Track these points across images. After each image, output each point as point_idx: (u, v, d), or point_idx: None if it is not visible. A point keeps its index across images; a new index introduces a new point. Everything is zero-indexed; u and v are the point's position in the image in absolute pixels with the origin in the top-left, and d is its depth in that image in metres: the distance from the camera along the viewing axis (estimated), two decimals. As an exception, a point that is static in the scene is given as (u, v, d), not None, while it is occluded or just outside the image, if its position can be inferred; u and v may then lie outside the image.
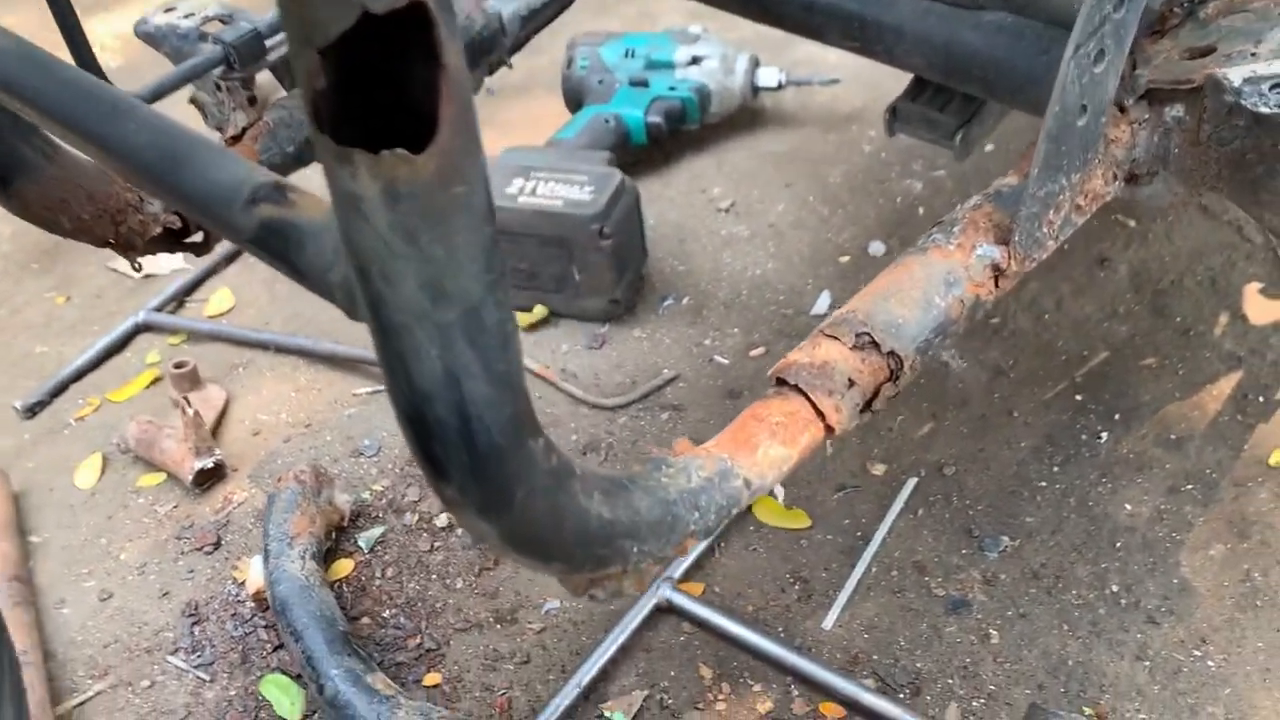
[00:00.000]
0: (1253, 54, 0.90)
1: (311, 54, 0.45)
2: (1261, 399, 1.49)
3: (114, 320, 1.89)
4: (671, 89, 1.98)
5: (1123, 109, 0.93)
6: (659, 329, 1.73)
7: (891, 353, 0.83)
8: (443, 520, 1.49)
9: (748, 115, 2.10)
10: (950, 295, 0.85)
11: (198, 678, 1.36)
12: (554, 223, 1.64)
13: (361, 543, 1.47)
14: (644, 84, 1.98)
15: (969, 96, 1.19)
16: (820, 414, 0.80)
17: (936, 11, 1.12)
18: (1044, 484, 1.44)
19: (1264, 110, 0.83)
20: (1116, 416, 1.50)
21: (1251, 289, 1.64)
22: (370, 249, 0.51)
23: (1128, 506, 1.40)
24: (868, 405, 0.83)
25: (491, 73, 1.33)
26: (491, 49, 1.18)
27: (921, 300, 0.84)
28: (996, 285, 0.87)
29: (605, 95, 1.98)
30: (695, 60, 1.99)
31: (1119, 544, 1.37)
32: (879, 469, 1.49)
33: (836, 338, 0.83)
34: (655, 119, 1.95)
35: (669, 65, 1.99)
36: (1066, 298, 1.67)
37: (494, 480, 0.59)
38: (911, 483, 1.46)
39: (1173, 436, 1.47)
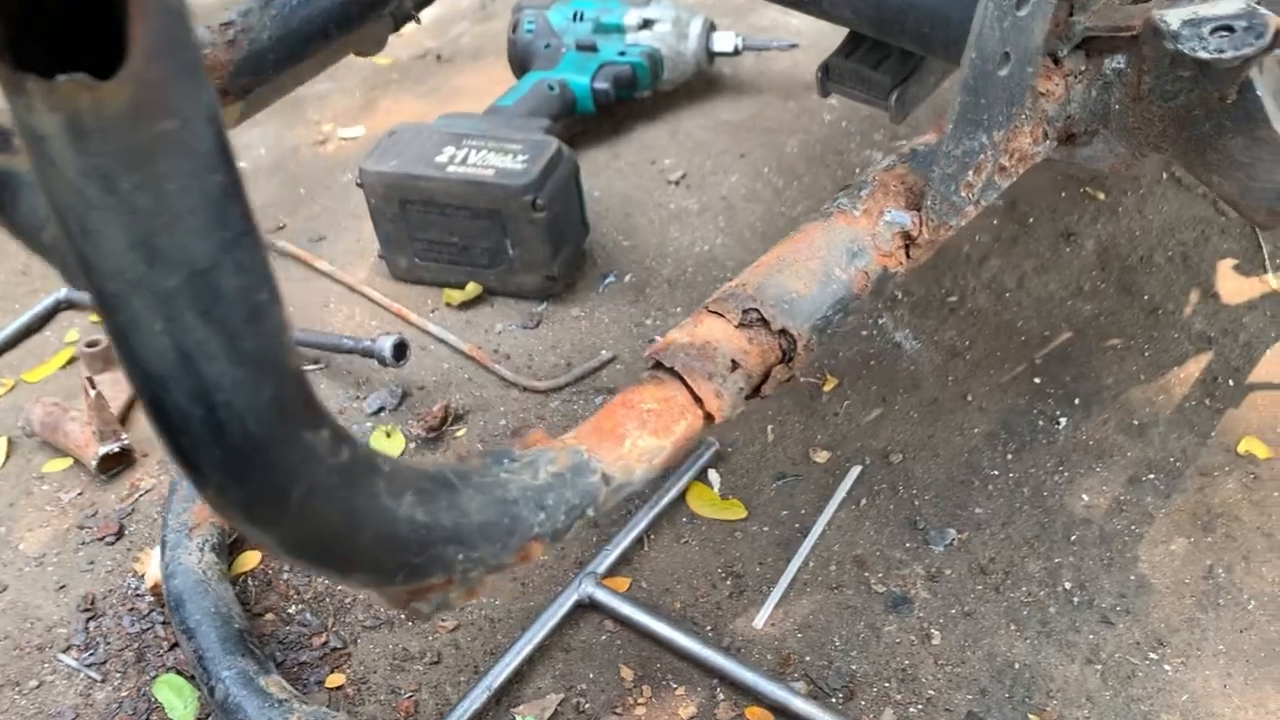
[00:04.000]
0: (1198, -2, 0.80)
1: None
2: (1231, 382, 1.40)
3: (37, 298, 1.80)
4: (621, 54, 1.88)
5: (1056, 60, 0.84)
6: (599, 308, 1.64)
7: (783, 331, 0.73)
8: (358, 509, 1.40)
9: (704, 82, 2.00)
10: (853, 266, 0.76)
11: (89, 677, 1.27)
12: (484, 193, 1.55)
13: (270, 533, 1.38)
14: (592, 49, 1.88)
15: (906, 53, 1.10)
16: (698, 400, 0.70)
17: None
18: (996, 473, 1.35)
19: (1203, 55, 0.74)
20: (1077, 401, 1.41)
21: (1225, 265, 1.54)
22: (64, 199, 0.42)
23: (1085, 497, 1.31)
24: (756, 390, 0.73)
25: (397, 29, 1.24)
26: (380, 8, 1.08)
27: (820, 272, 0.75)
28: (908, 255, 0.77)
29: (552, 60, 1.88)
30: (647, 24, 1.89)
31: (1074, 538, 1.27)
32: (822, 456, 1.40)
33: (721, 314, 0.73)
34: (603, 85, 1.85)
35: (619, 29, 1.89)
36: (1029, 275, 1.58)
37: (258, 478, 0.49)
38: (855, 471, 1.37)
39: (1136, 422, 1.38)
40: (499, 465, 0.63)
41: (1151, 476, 1.32)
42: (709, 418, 0.71)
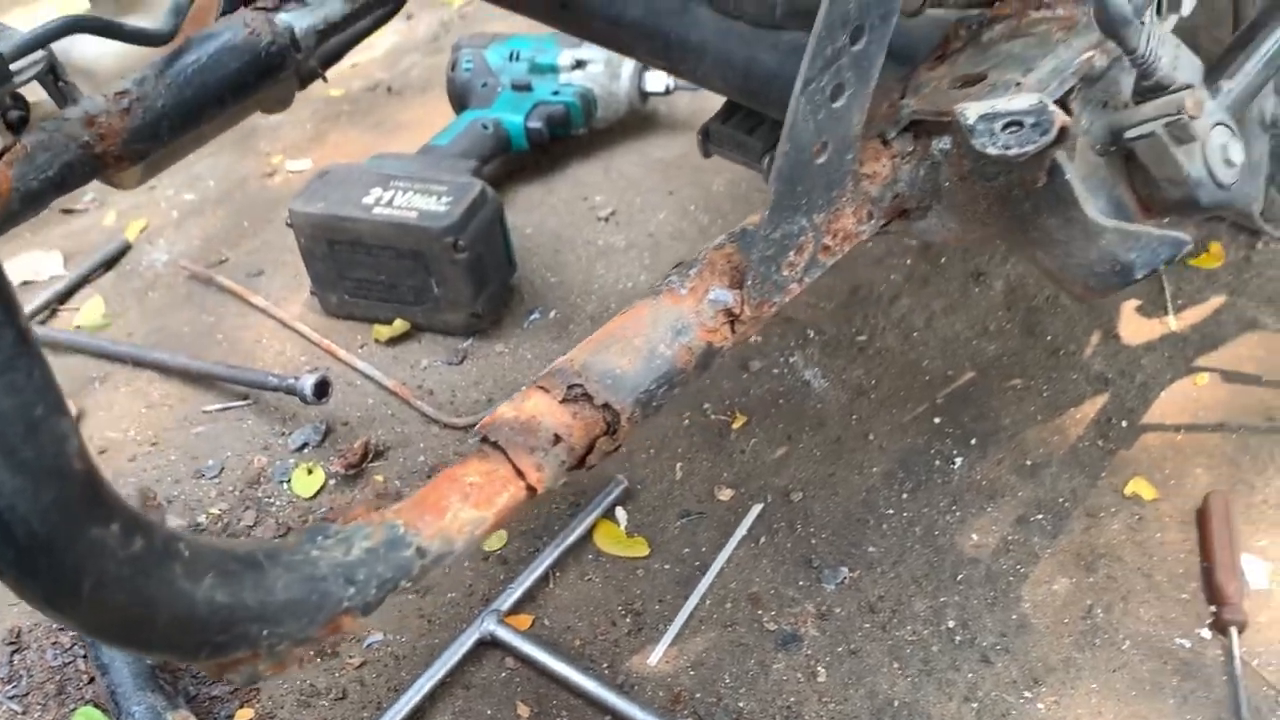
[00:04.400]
0: (1018, 84, 0.85)
1: None
2: (1125, 424, 1.44)
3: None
4: (555, 93, 1.92)
5: (885, 141, 0.88)
6: (523, 344, 1.68)
7: (606, 405, 0.78)
8: (276, 545, 1.45)
9: (639, 120, 2.04)
10: (678, 343, 0.80)
11: (10, 710, 1.32)
12: (408, 235, 1.59)
13: (190, 569, 1.42)
14: (527, 88, 1.93)
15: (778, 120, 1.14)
16: (520, 473, 0.75)
17: (738, 32, 1.07)
18: (891, 512, 1.39)
19: (991, 151, 0.78)
20: (974, 441, 1.45)
21: (1128, 307, 1.58)
22: None
23: (974, 537, 1.36)
24: (581, 461, 0.78)
25: (303, 87, 1.28)
26: (282, 65, 1.12)
27: (645, 349, 0.79)
28: (733, 330, 0.82)
29: (488, 99, 1.93)
30: (579, 64, 1.93)
31: (960, 576, 1.32)
32: (726, 494, 1.44)
33: (547, 390, 0.78)
34: (536, 125, 1.90)
35: (553, 69, 1.94)
36: (938, 314, 1.62)
37: (48, 574, 0.54)
38: (756, 509, 1.41)
39: (1029, 463, 1.42)
40: (312, 542, 0.68)
41: (1040, 517, 1.36)
42: (531, 490, 0.75)
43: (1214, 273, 1.61)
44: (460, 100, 1.99)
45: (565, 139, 1.97)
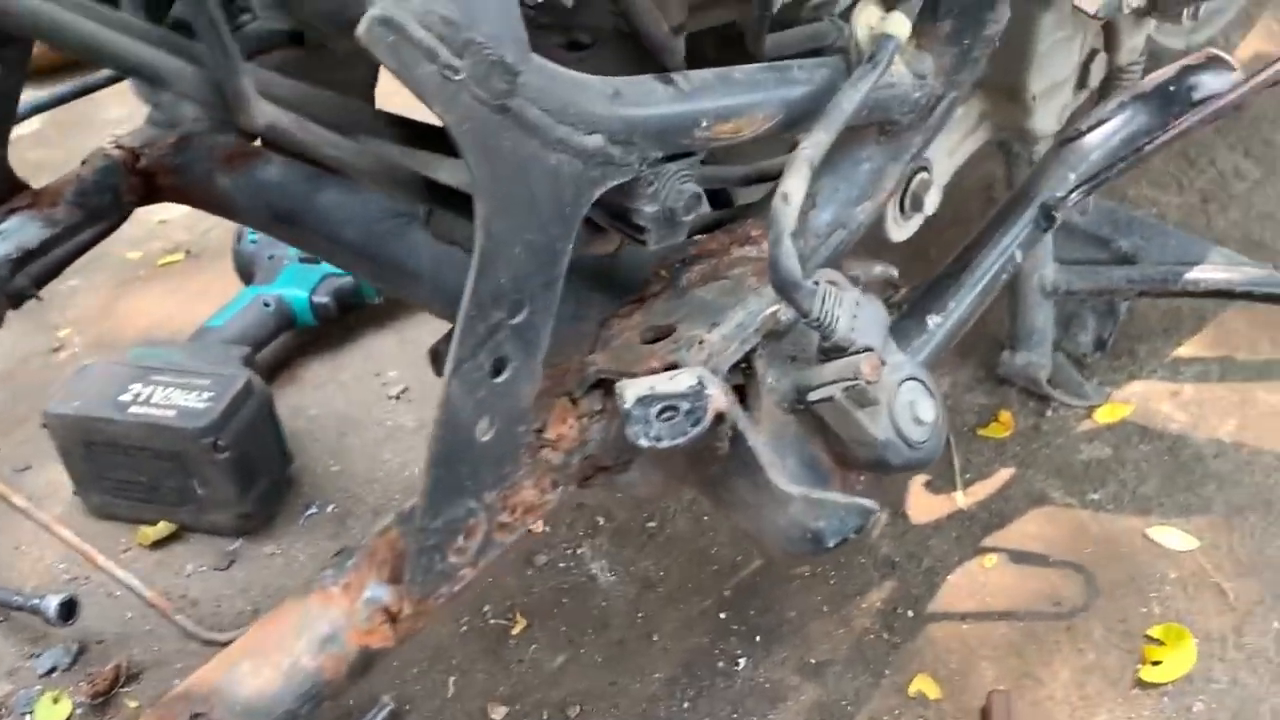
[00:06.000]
0: (701, 341, 0.80)
1: None
2: (911, 613, 1.40)
3: None
4: (344, 266, 1.85)
5: (574, 400, 0.83)
6: (296, 543, 1.59)
7: (234, 737, 0.70)
8: None
9: (437, 286, 1.98)
10: (325, 653, 0.72)
11: None
12: (164, 436, 1.50)
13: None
14: (314, 260, 1.86)
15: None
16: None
17: (454, 258, 1.02)
18: (672, 724, 1.32)
19: (643, 443, 0.73)
20: (758, 638, 1.39)
21: (917, 482, 1.55)
22: None
23: (756, 748, 1.29)
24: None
25: (16, 306, 1.19)
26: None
27: (286, 664, 0.71)
28: (394, 629, 0.75)
29: (272, 274, 1.86)
30: (368, 235, 1.87)
31: (739, 797, 1.25)
32: (499, 712, 1.35)
33: (167, 720, 0.69)
34: (323, 300, 1.83)
35: (340, 240, 1.87)
36: (729, 496, 1.57)
37: None
38: (529, 730, 1.33)
39: (813, 660, 1.36)
40: None
41: (823, 722, 1.31)
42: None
43: (1003, 443, 1.59)
44: (246, 273, 1.91)
45: (358, 310, 1.90)
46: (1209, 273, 1.50)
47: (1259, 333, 1.68)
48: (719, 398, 0.73)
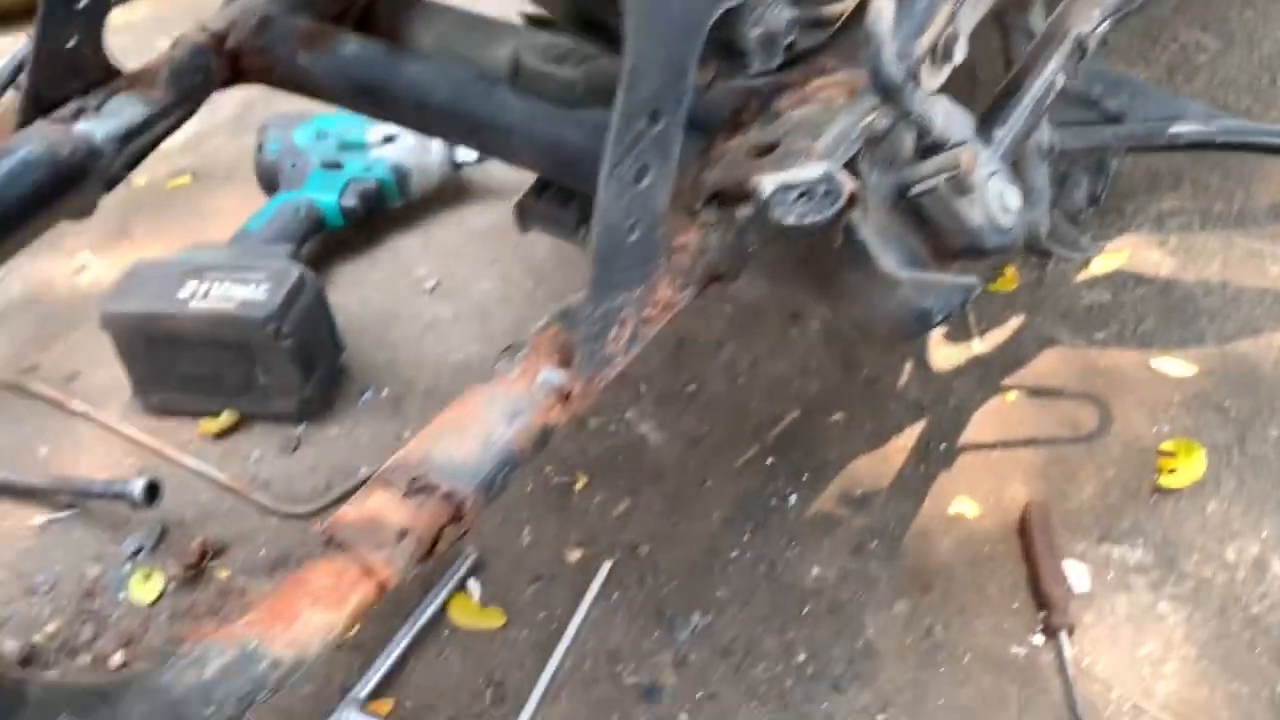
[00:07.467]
0: (809, 150, 0.90)
1: None
2: (943, 446, 1.52)
3: None
4: (367, 170, 1.93)
5: (692, 213, 0.92)
6: (357, 425, 1.67)
7: (450, 494, 0.79)
8: (118, 659, 1.40)
9: (454, 189, 2.06)
10: (514, 427, 0.82)
11: None
12: (228, 326, 1.57)
13: (27, 694, 1.37)
14: (338, 166, 1.93)
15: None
16: (370, 571, 0.76)
17: (542, 112, 1.11)
18: (735, 554, 1.44)
19: (789, 221, 0.83)
20: (804, 477, 1.51)
21: (936, 335, 1.67)
22: None
23: (815, 570, 1.41)
24: (429, 551, 0.79)
25: (108, 191, 1.26)
26: (84, 175, 1.11)
27: (482, 436, 0.81)
28: (566, 408, 0.85)
29: (298, 180, 1.92)
30: (389, 139, 1.94)
31: (806, 610, 1.37)
32: (575, 555, 1.46)
33: (388, 485, 0.79)
34: (350, 202, 1.90)
35: (362, 145, 1.94)
36: (762, 357, 1.68)
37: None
38: (606, 567, 1.43)
39: (858, 493, 1.48)
40: (165, 667, 0.67)
41: (874, 544, 1.42)
42: (382, 586, 0.76)
43: (1011, 295, 1.71)
44: (270, 183, 1.97)
45: (382, 213, 1.98)
46: (1190, 126, 1.62)
47: (1233, 185, 1.81)
48: (850, 180, 0.83)
